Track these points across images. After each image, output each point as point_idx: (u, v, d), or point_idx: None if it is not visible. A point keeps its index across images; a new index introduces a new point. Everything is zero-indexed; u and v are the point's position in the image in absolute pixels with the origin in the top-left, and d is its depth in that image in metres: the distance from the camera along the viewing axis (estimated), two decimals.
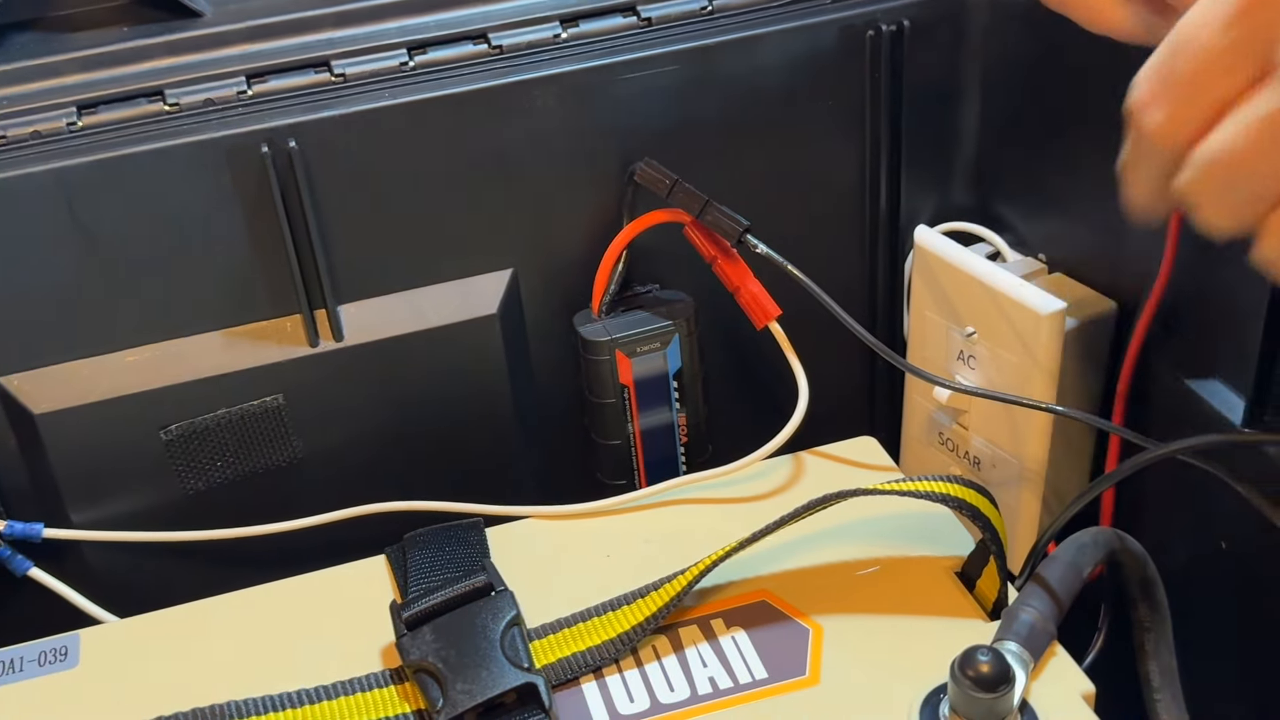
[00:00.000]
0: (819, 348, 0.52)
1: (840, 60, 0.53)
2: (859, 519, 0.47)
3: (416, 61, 0.51)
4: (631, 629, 0.43)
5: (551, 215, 0.53)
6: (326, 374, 0.51)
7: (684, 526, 0.49)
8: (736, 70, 0.52)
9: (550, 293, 0.54)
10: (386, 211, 0.51)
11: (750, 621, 0.44)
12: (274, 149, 0.48)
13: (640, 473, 0.55)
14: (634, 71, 0.51)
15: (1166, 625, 0.47)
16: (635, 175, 0.52)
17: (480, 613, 0.42)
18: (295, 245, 0.49)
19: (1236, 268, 0.44)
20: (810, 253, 0.52)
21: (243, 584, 0.48)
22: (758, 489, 0.50)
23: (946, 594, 0.44)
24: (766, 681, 0.41)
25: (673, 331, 0.53)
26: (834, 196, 0.56)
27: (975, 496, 0.42)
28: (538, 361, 0.56)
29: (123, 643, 0.46)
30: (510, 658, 0.40)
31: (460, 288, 0.53)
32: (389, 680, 0.42)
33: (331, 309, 0.51)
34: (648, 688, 0.41)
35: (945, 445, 0.55)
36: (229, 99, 0.49)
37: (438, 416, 0.54)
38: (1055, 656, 0.41)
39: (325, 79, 0.50)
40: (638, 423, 0.54)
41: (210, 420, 0.51)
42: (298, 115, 0.48)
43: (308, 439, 0.52)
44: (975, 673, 0.37)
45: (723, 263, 0.51)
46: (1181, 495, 0.48)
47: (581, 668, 0.42)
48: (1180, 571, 0.47)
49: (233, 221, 0.49)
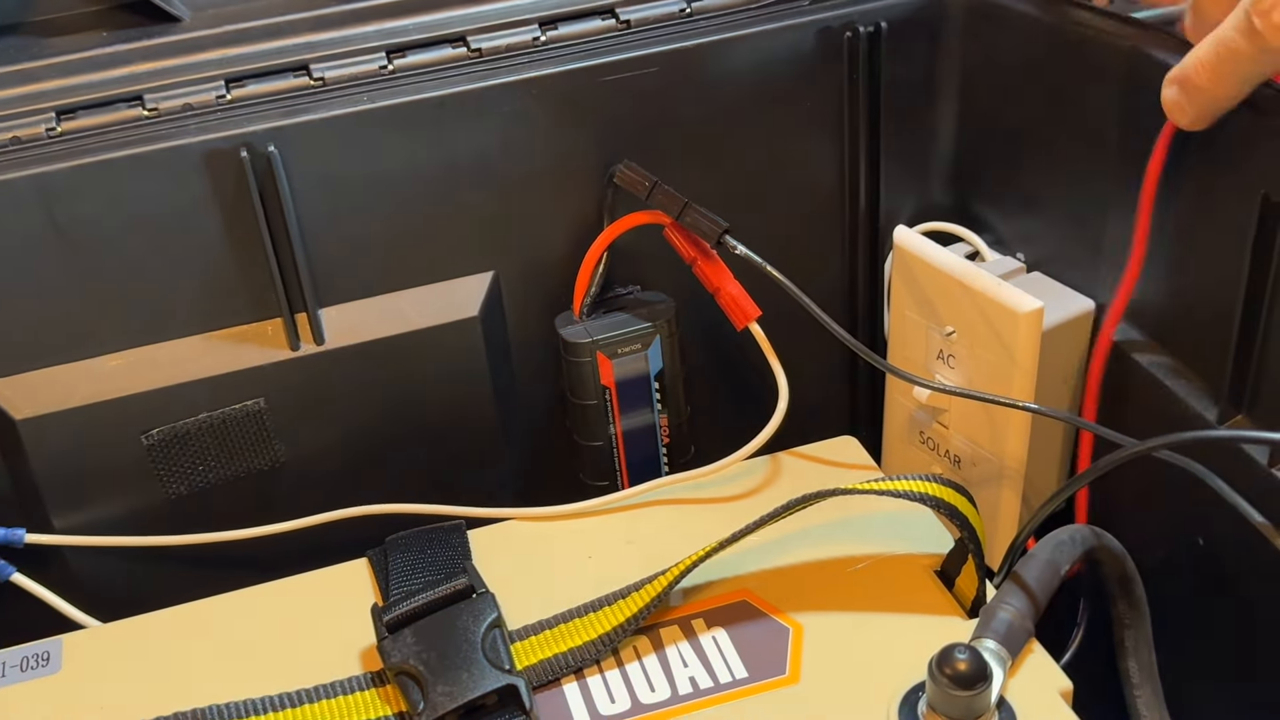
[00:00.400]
0: (800, 348, 0.52)
1: (818, 62, 0.53)
2: (839, 518, 0.47)
3: (396, 65, 0.51)
4: (612, 630, 0.43)
5: (532, 218, 0.53)
6: (308, 377, 0.51)
7: (665, 527, 0.49)
8: (715, 72, 0.52)
9: (531, 295, 0.54)
10: (367, 215, 0.51)
11: (731, 621, 0.44)
12: (253, 153, 0.48)
13: (622, 474, 0.55)
14: (613, 74, 0.51)
15: (1145, 622, 0.47)
16: (615, 177, 0.52)
17: (461, 615, 0.42)
18: (275, 249, 0.49)
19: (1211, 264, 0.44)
20: (791, 253, 0.52)
21: (226, 588, 0.48)
22: (738, 489, 0.50)
23: (926, 592, 0.44)
24: (747, 681, 0.42)
25: (654, 333, 0.53)
26: (814, 197, 0.57)
27: (953, 495, 0.42)
28: (519, 363, 0.56)
29: (105, 647, 0.46)
30: (491, 659, 0.41)
31: (441, 290, 0.53)
32: (370, 683, 0.42)
33: (312, 312, 0.51)
34: (629, 688, 0.42)
35: (926, 444, 0.56)
36: (208, 103, 0.49)
37: (420, 419, 0.54)
38: (1033, 654, 0.41)
39: (304, 83, 0.50)
40: (619, 424, 0.54)
41: (192, 424, 0.51)
42: (276, 119, 0.48)
43: (290, 442, 0.52)
44: (953, 671, 0.37)
45: (702, 264, 0.51)
46: (1159, 493, 0.48)
47: (563, 669, 0.42)
48: (1158, 568, 0.47)
49: (212, 226, 0.49)
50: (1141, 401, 0.48)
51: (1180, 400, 0.46)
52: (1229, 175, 0.42)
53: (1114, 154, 0.47)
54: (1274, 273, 0.41)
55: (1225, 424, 0.45)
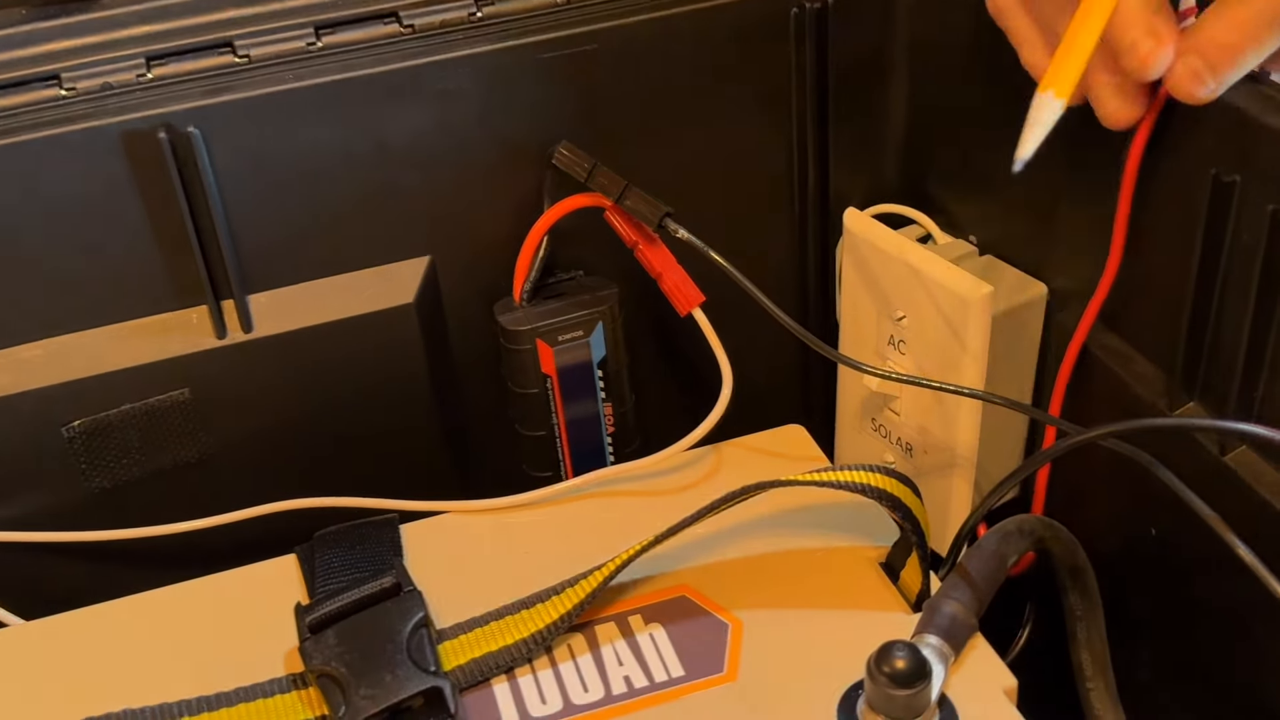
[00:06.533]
0: (749, 333, 0.51)
1: (764, 39, 0.52)
2: (784, 509, 0.46)
3: (325, 42, 0.49)
4: (545, 627, 0.41)
5: (469, 200, 0.51)
6: (235, 367, 0.49)
7: (604, 520, 0.47)
8: (657, 50, 0.51)
9: (470, 280, 0.53)
10: (296, 197, 0.49)
11: (669, 617, 0.42)
12: (173, 134, 0.46)
13: (567, 464, 0.54)
14: (552, 51, 0.49)
15: (1099, 613, 0.46)
16: (554, 159, 0.50)
17: (387, 614, 0.41)
18: (199, 234, 0.47)
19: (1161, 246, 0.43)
20: (739, 237, 0.51)
21: (154, 584, 0.46)
22: (681, 481, 0.49)
23: (870, 586, 0.43)
24: (683, 679, 0.40)
25: (596, 319, 0.51)
26: (762, 179, 0.55)
27: (896, 486, 0.41)
28: (459, 351, 0.54)
29: (25, 646, 0.44)
30: (416, 661, 0.39)
31: (375, 276, 0.51)
32: (292, 685, 0.40)
33: (239, 299, 0.49)
34: (561, 688, 0.40)
35: (878, 431, 0.54)
36: (128, 83, 0.47)
37: (354, 410, 0.52)
38: (977, 649, 0.40)
39: (229, 60, 0.48)
40: (562, 413, 0.52)
41: (114, 416, 0.49)
42: (198, 99, 0.46)
43: (218, 434, 0.51)
44: (891, 669, 0.36)
45: (644, 248, 0.49)
46: (1112, 482, 0.47)
47: (493, 669, 0.41)
48: (1113, 559, 0.46)
49: (133, 210, 0.47)
50: (1095, 388, 0.47)
51: (1131, 387, 0.45)
52: (1177, 154, 0.41)
53: (1066, 135, 0.46)
54: (1226, 255, 0.40)
55: (1177, 411, 0.43)
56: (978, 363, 0.48)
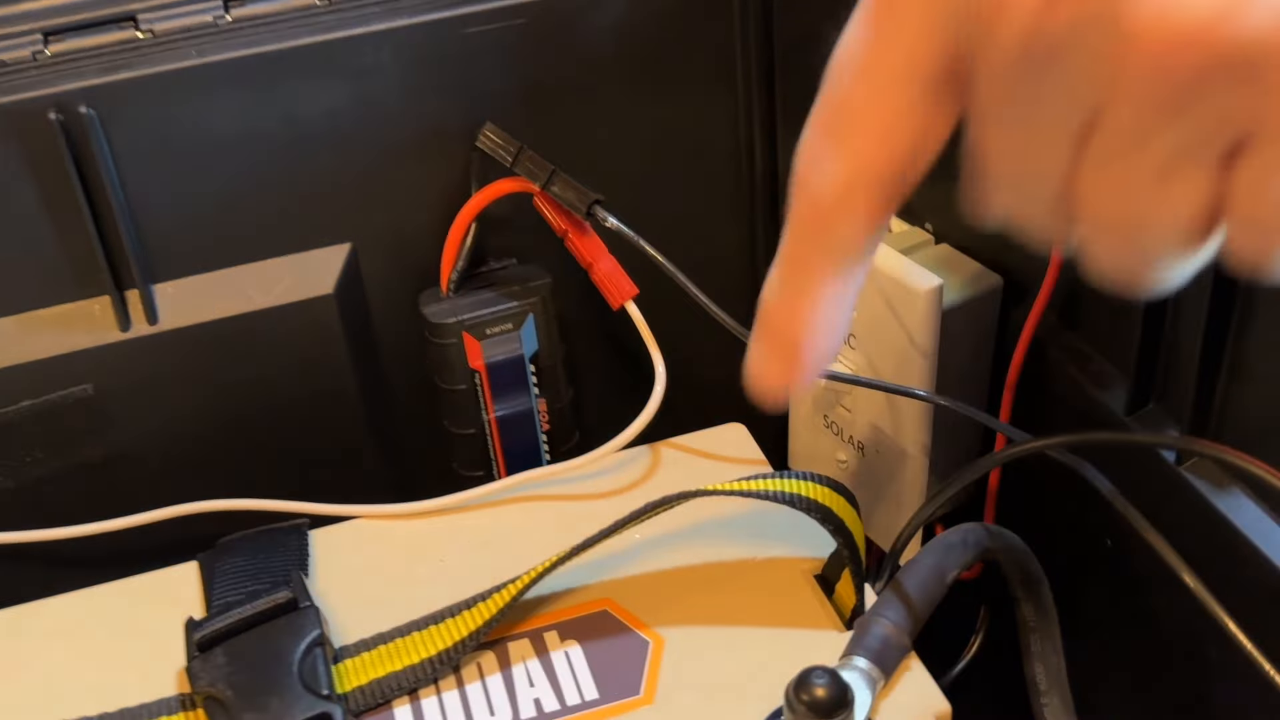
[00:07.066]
0: (692, 326, 0.48)
1: (707, 10, 0.48)
2: (717, 517, 0.43)
3: (234, 15, 0.46)
4: (453, 645, 0.39)
5: (393, 184, 0.48)
6: (141, 361, 0.47)
7: (529, 526, 0.45)
8: (592, 23, 0.47)
9: (394, 269, 0.50)
10: (203, 181, 0.46)
11: (587, 634, 0.40)
12: (66, 114, 0.43)
13: (499, 463, 0.51)
14: (477, 25, 0.46)
15: (1053, 625, 0.43)
16: (478, 141, 0.47)
17: (279, 633, 0.38)
18: (97, 220, 0.44)
19: None
20: (683, 224, 0.48)
21: (62, 589, 0.44)
22: (615, 483, 0.46)
23: (803, 601, 0.40)
24: (596, 703, 0.38)
25: (526, 311, 0.48)
26: (707, 161, 0.52)
27: (829, 496, 0.38)
28: (384, 345, 0.51)
29: None
30: (308, 683, 0.36)
31: (292, 264, 0.48)
32: (179, 707, 0.38)
33: (144, 289, 0.46)
34: (466, 710, 0.38)
35: (831, 428, 0.52)
36: (23, 60, 0.44)
37: (270, 407, 0.49)
38: (909, 672, 0.38)
39: (131, 36, 0.45)
40: (492, 410, 0.50)
41: (13, 413, 0.46)
42: (93, 77, 0.43)
43: (125, 432, 0.48)
44: (810, 697, 0.33)
45: (574, 238, 0.46)
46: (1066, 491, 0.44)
47: (394, 690, 0.38)
48: (1067, 569, 0.43)
49: (28, 195, 0.44)
50: (1049, 389, 0.44)
51: (1087, 388, 0.42)
52: None
53: None
54: None
55: (1133, 415, 0.40)
56: (927, 359, 0.45)
